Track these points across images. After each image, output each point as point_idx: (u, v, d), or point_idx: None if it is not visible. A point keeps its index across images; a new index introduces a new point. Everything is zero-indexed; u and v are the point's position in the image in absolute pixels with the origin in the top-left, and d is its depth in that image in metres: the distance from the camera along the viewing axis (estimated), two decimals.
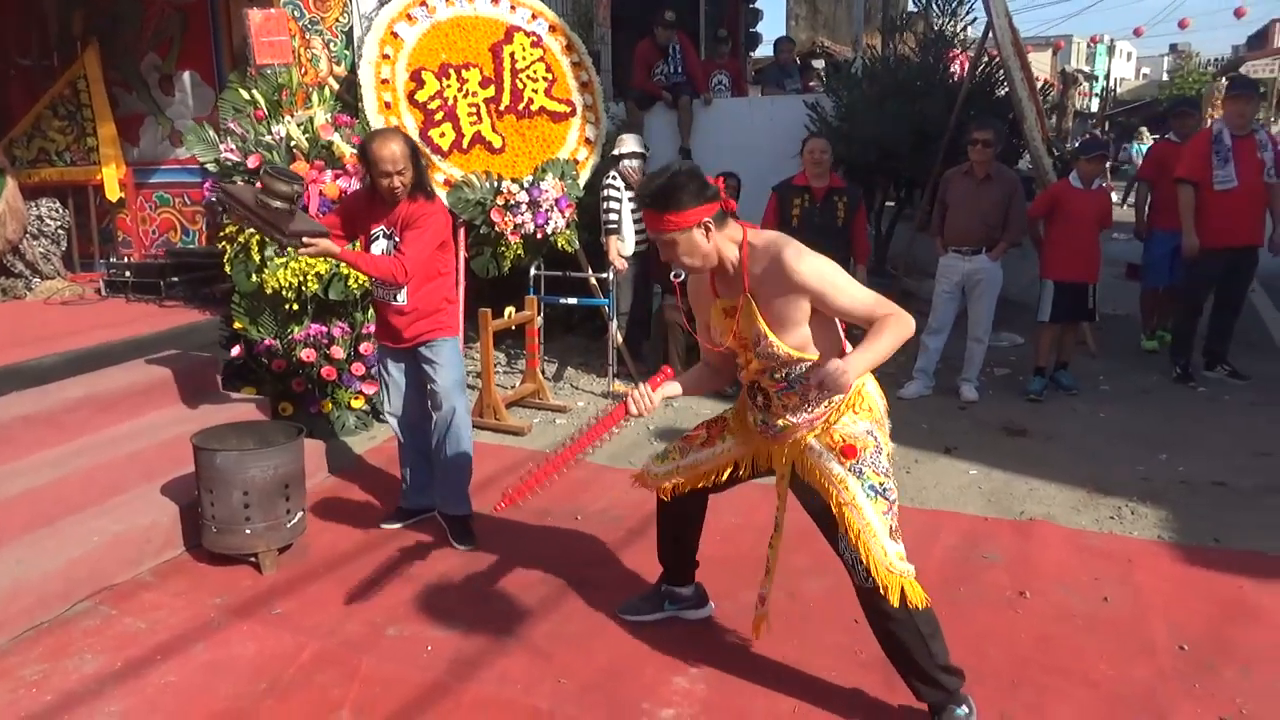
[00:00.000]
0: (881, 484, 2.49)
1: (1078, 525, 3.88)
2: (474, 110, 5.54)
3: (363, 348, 4.85)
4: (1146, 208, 6.58)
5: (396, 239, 3.64)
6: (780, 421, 2.61)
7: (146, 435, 4.10)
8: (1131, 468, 4.47)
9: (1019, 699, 2.70)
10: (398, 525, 3.98)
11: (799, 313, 2.44)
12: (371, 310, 4.63)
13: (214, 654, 3.01)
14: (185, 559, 3.66)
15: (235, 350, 4.84)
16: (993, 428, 5.09)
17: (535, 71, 5.84)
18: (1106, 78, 34.72)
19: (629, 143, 6.03)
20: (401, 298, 3.68)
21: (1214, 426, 5.06)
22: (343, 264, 4.58)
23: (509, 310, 5.51)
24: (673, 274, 2.71)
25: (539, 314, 5.71)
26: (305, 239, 3.40)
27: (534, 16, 5.96)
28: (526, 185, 5.50)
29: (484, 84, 5.61)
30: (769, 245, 2.48)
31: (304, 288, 4.74)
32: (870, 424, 2.54)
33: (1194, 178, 5.60)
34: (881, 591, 2.44)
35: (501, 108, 5.66)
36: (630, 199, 6.02)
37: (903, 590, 2.44)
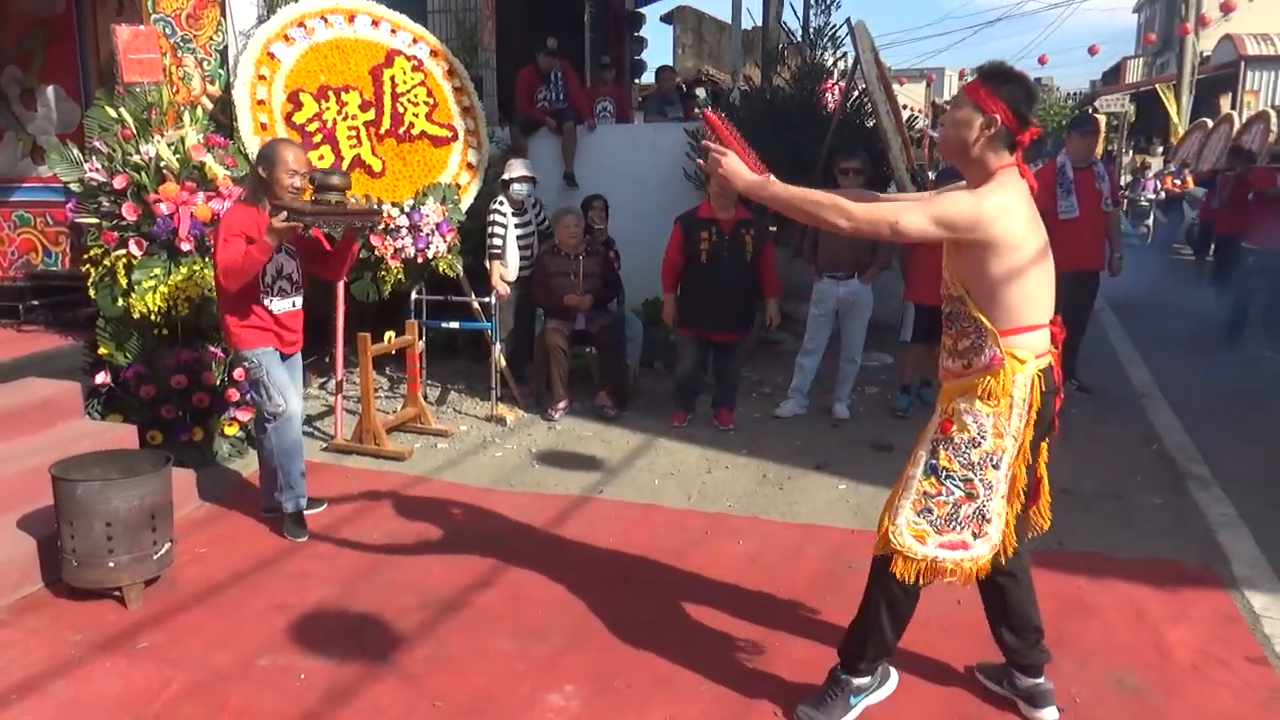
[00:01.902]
0: (946, 469, 2.51)
1: None
2: (353, 133, 5.52)
3: (237, 373, 4.75)
4: None
5: (292, 249, 4.00)
6: (942, 360, 2.64)
7: (2, 466, 3.92)
8: None
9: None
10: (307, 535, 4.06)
11: (960, 249, 2.47)
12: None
13: (74, 691, 2.90)
14: (43, 595, 3.52)
15: (100, 377, 4.67)
16: (862, 444, 5.33)
17: (416, 96, 5.85)
18: None
19: (517, 168, 6.09)
20: (300, 300, 4.08)
21: (1062, 437, 5.33)
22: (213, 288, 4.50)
23: (389, 335, 5.48)
24: None
25: (420, 338, 5.70)
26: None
27: (415, 40, 5.98)
28: (407, 209, 5.50)
29: (364, 107, 5.59)
30: (1002, 179, 2.47)
31: (174, 312, 4.62)
32: (990, 418, 2.47)
33: (1041, 208, 5.99)
34: (879, 553, 2.61)
35: (382, 131, 5.65)
36: (517, 224, 6.08)
37: (892, 561, 2.56)
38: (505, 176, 6.07)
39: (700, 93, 13.20)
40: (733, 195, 5.45)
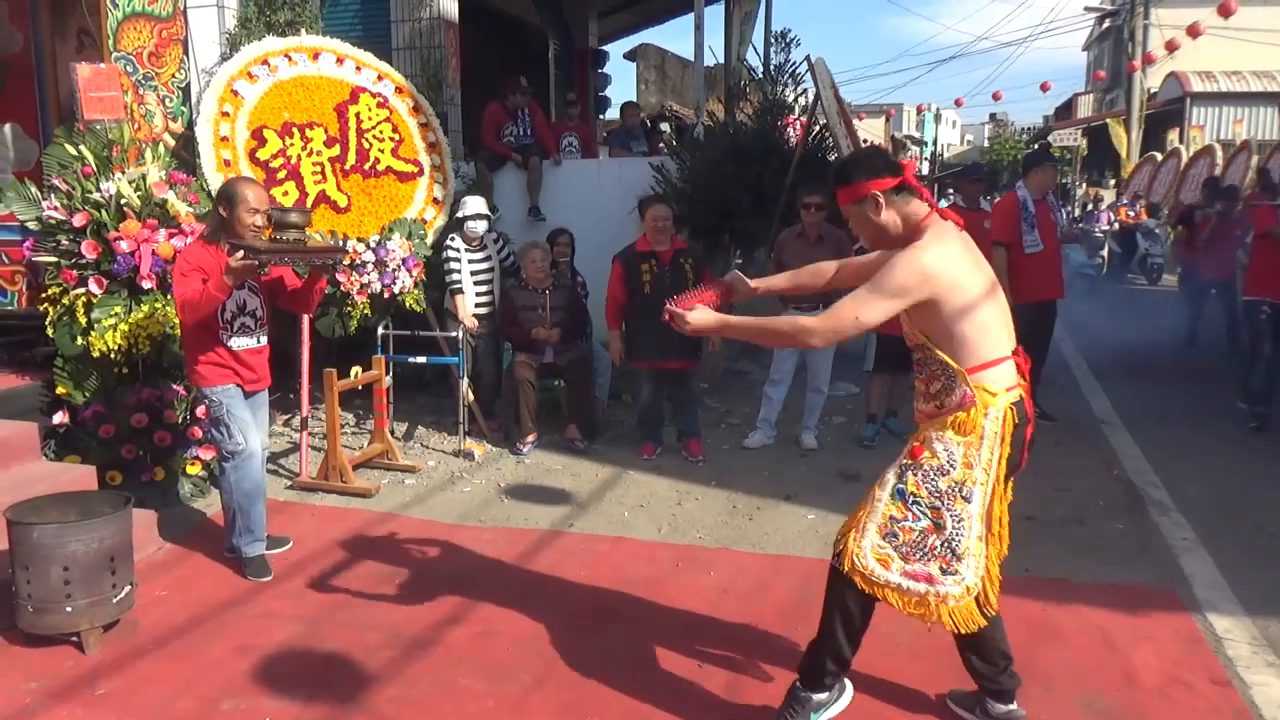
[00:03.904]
0: (914, 495, 2.55)
1: None
2: (318, 169, 5.51)
3: (200, 411, 4.68)
4: None
5: (255, 285, 3.98)
6: (917, 404, 2.71)
7: None
8: None
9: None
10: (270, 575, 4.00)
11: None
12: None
13: None
14: None
15: (58, 417, 4.58)
16: (830, 473, 5.37)
17: (381, 132, 5.87)
18: (934, 143, 37.37)
19: (472, 205, 6.12)
20: (265, 337, 4.04)
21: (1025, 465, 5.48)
22: (177, 325, 4.46)
23: (355, 370, 5.44)
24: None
25: (387, 373, 5.66)
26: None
27: (380, 78, 6.01)
28: (373, 245, 5.49)
29: (329, 143, 5.60)
30: (934, 230, 2.55)
31: (135, 349, 4.56)
32: (959, 447, 2.52)
33: (1008, 239, 6.11)
34: (841, 571, 2.62)
35: (347, 167, 5.65)
36: (471, 260, 6.10)
37: (854, 580, 2.59)
38: (459, 214, 6.09)
39: (664, 127, 13.35)
40: (669, 229, 5.57)
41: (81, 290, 4.52)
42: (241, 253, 3.63)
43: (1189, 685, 3.09)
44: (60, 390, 4.58)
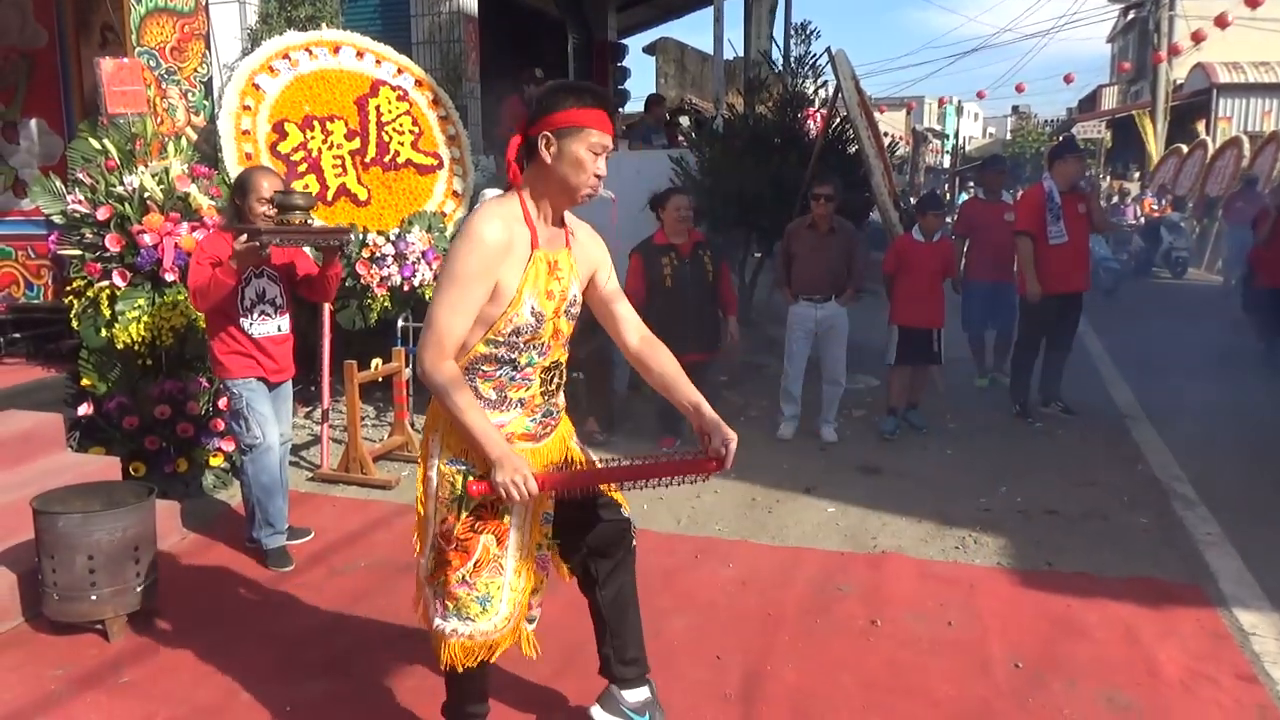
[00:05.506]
0: None
1: (925, 555, 4.11)
2: (339, 162, 5.53)
3: (221, 403, 4.72)
4: (963, 260, 7.06)
5: (274, 273, 3.99)
6: (559, 399, 2.58)
7: None
8: (975, 500, 4.76)
9: None
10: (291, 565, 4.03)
11: None
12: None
13: None
14: (23, 630, 3.46)
15: (83, 408, 4.63)
16: (850, 466, 5.34)
17: (401, 125, 5.88)
18: (956, 136, 37.01)
19: (488, 198, 6.11)
20: (286, 325, 4.06)
21: (1048, 459, 5.45)
22: (201, 317, 4.49)
23: (376, 362, 5.46)
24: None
25: (407, 365, 5.68)
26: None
27: (400, 71, 6.02)
28: (393, 238, 5.50)
29: (349, 136, 5.61)
30: None
31: (158, 341, 4.60)
32: None
33: (1032, 230, 6.07)
34: None
35: (367, 160, 5.67)
36: None
37: None
38: (477, 207, 6.09)
39: (684, 120, 13.31)
40: (687, 221, 5.54)
41: (105, 283, 4.56)
42: (245, 236, 3.67)
43: (1214, 680, 3.06)
44: (85, 382, 4.63)
